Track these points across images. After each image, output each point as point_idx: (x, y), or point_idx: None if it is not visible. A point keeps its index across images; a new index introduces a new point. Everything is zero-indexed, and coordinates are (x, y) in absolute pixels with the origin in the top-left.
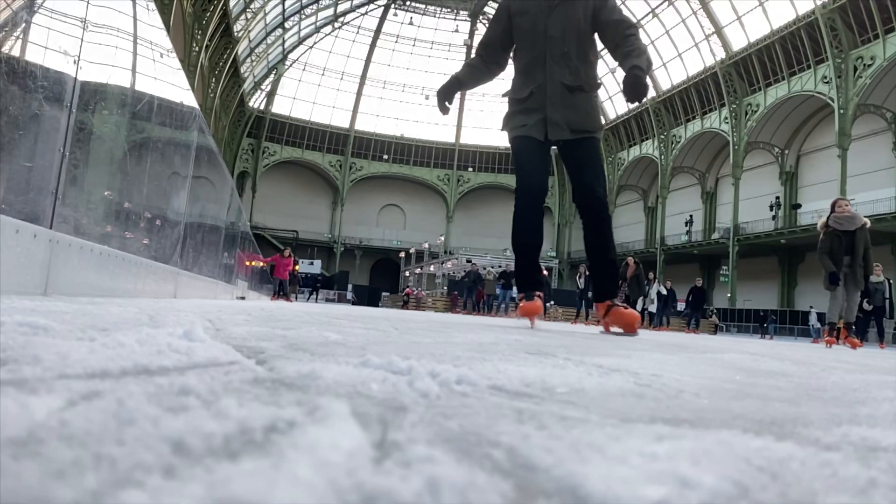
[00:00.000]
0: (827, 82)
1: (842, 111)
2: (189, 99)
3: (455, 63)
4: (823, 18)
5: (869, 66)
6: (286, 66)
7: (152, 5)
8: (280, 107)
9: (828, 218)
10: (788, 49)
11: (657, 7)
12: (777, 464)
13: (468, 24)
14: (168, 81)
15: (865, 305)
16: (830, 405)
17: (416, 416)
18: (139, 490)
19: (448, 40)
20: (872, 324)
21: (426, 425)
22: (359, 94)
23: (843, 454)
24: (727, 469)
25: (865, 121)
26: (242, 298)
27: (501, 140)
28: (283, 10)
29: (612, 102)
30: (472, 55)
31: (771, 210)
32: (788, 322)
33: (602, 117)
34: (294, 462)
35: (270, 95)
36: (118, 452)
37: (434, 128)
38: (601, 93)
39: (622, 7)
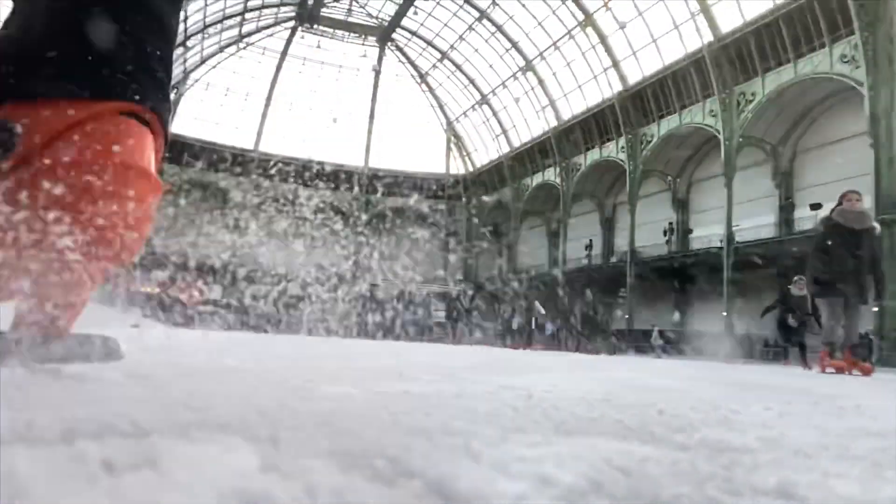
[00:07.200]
0: (714, 115)
1: (727, 143)
2: None
3: (364, 87)
4: (709, 56)
5: (751, 101)
6: (187, 86)
7: None
8: (180, 127)
9: (832, 211)
10: (679, 84)
11: (558, 40)
12: (634, 463)
13: (377, 49)
14: None
15: (791, 321)
16: (695, 413)
17: (305, 434)
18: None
19: (356, 65)
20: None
21: (317, 441)
22: (264, 114)
23: (694, 453)
24: (587, 469)
25: (749, 152)
26: (136, 326)
27: (412, 165)
28: (185, 29)
29: (517, 131)
30: None
31: (665, 235)
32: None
33: None
34: (180, 473)
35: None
36: None
37: (343, 150)
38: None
39: (524, 39)
